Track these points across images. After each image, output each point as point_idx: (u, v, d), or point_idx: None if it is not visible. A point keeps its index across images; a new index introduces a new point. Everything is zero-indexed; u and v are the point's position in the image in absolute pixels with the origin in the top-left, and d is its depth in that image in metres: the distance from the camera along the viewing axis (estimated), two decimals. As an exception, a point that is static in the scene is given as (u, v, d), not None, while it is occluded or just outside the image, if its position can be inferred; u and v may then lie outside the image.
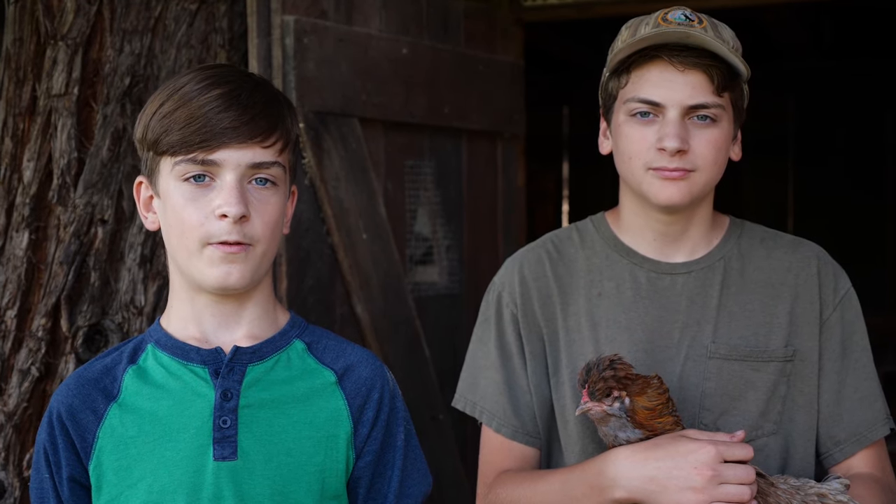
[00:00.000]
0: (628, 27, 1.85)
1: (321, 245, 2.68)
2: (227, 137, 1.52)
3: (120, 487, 1.56)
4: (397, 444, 1.67)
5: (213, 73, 1.58)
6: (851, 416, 1.88)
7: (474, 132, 3.27)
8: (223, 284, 1.55)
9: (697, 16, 1.80)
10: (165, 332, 1.63)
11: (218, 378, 1.58)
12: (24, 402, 2.42)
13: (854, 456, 1.89)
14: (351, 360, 1.67)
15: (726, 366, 1.85)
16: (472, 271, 3.25)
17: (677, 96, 1.76)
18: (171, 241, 1.59)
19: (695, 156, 1.78)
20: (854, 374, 1.90)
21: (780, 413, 1.86)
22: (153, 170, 1.58)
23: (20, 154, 2.49)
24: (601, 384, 1.65)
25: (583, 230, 1.99)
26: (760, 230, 1.99)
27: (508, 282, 1.95)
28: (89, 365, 1.64)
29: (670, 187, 1.78)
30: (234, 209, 1.51)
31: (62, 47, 2.47)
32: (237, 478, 1.55)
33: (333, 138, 2.67)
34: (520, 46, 3.54)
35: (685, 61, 1.76)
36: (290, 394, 1.61)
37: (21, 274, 2.45)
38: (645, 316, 1.88)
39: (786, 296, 1.90)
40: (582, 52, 6.79)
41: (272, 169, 1.57)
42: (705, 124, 1.78)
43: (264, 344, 1.63)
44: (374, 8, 2.85)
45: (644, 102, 1.78)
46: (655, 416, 1.67)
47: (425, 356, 2.97)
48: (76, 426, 1.58)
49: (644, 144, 1.79)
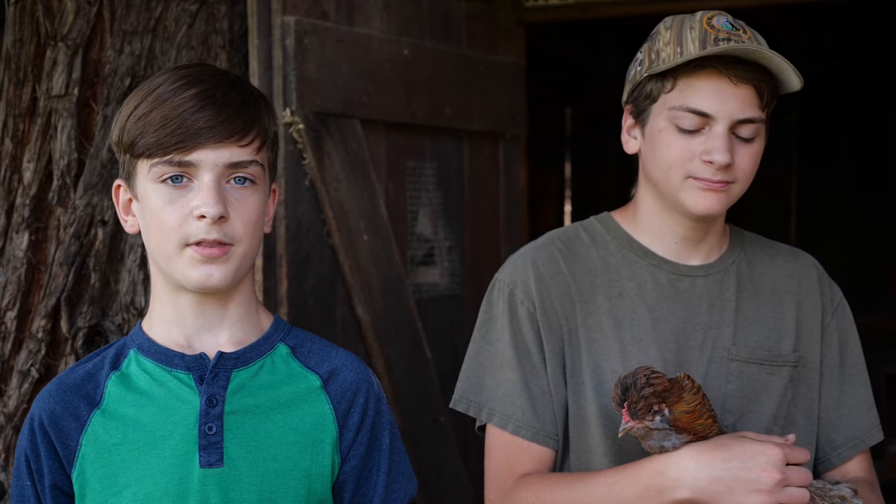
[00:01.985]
0: (669, 28, 1.81)
1: (322, 246, 2.68)
2: (203, 138, 1.50)
3: (104, 495, 1.54)
4: (382, 448, 1.66)
5: (188, 73, 1.56)
6: (850, 421, 1.91)
7: (476, 133, 3.27)
8: (204, 285, 1.54)
9: (740, 24, 1.78)
10: (148, 337, 1.61)
11: (202, 384, 1.56)
12: (23, 403, 2.42)
13: (850, 461, 1.91)
14: (336, 364, 1.66)
15: (746, 368, 1.86)
16: (473, 272, 3.24)
17: (728, 109, 1.74)
18: (150, 243, 1.58)
19: (737, 169, 1.77)
20: (851, 380, 1.93)
21: (784, 417, 1.88)
22: (130, 172, 1.57)
23: (20, 155, 2.48)
24: (642, 403, 1.63)
25: (590, 229, 1.96)
26: (757, 237, 2.01)
27: (521, 279, 1.89)
28: (70, 371, 1.62)
29: (710, 198, 1.78)
30: (212, 209, 1.50)
31: (62, 48, 2.47)
32: (224, 484, 1.53)
33: (334, 139, 2.67)
34: (521, 47, 3.53)
35: (740, 74, 1.74)
36: (276, 399, 1.60)
37: (21, 275, 2.44)
38: (670, 316, 1.87)
39: (790, 302, 1.91)
40: (584, 52, 6.78)
41: (250, 168, 1.55)
42: (748, 138, 1.77)
43: (248, 349, 1.61)
44: (376, 9, 2.85)
45: (693, 112, 1.75)
46: (696, 417, 1.67)
47: (426, 357, 2.96)
48: (58, 433, 1.56)
49: (687, 154, 1.77)
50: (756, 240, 1.99)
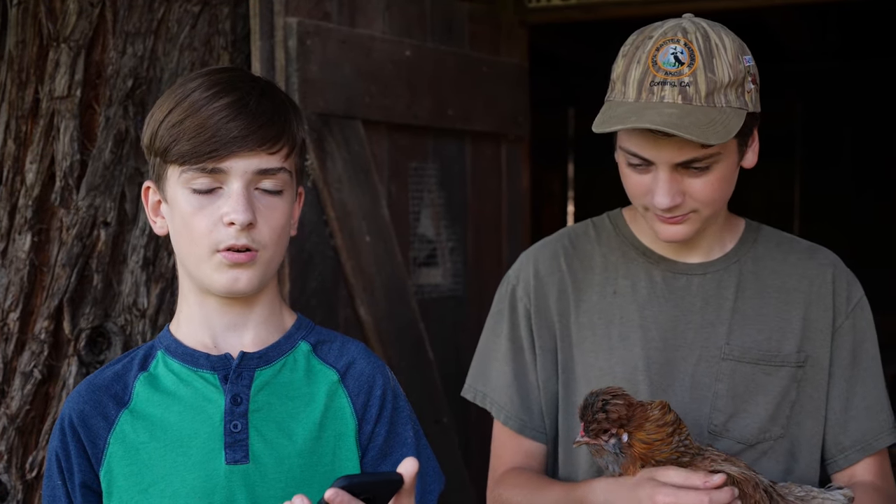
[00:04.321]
0: (624, 56, 1.77)
1: (324, 247, 2.68)
2: (236, 146, 1.52)
3: (131, 493, 1.57)
4: (407, 442, 1.68)
5: (221, 80, 1.58)
6: (858, 423, 1.89)
7: (478, 134, 3.27)
8: (231, 289, 1.57)
9: (691, 51, 1.71)
10: (175, 338, 1.64)
11: (227, 383, 1.59)
12: (26, 404, 2.42)
13: (858, 463, 1.89)
14: (351, 357, 1.68)
15: (739, 368, 1.85)
16: (475, 273, 3.24)
17: (665, 156, 1.72)
18: (180, 247, 1.60)
19: (693, 200, 1.75)
20: (863, 382, 1.90)
21: (788, 417, 1.86)
22: (161, 175, 1.59)
23: (23, 156, 2.48)
24: (594, 425, 1.67)
25: (599, 226, 1.99)
26: (777, 234, 1.98)
27: (523, 276, 1.95)
28: (100, 372, 1.65)
29: (671, 228, 1.79)
30: (241, 216, 1.52)
31: (65, 49, 2.47)
32: (249, 481, 1.56)
33: (337, 140, 2.67)
34: (524, 48, 3.53)
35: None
36: (298, 396, 1.62)
37: (24, 276, 2.45)
38: (659, 315, 1.87)
39: (799, 301, 1.90)
40: (587, 52, 6.78)
41: (279, 175, 1.57)
42: (701, 171, 1.74)
43: (270, 348, 1.64)
44: (378, 10, 2.85)
45: (634, 156, 1.75)
46: (653, 449, 1.66)
47: (429, 358, 2.96)
48: (87, 432, 1.59)
49: (642, 189, 1.77)
50: (773, 236, 1.97)
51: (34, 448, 2.44)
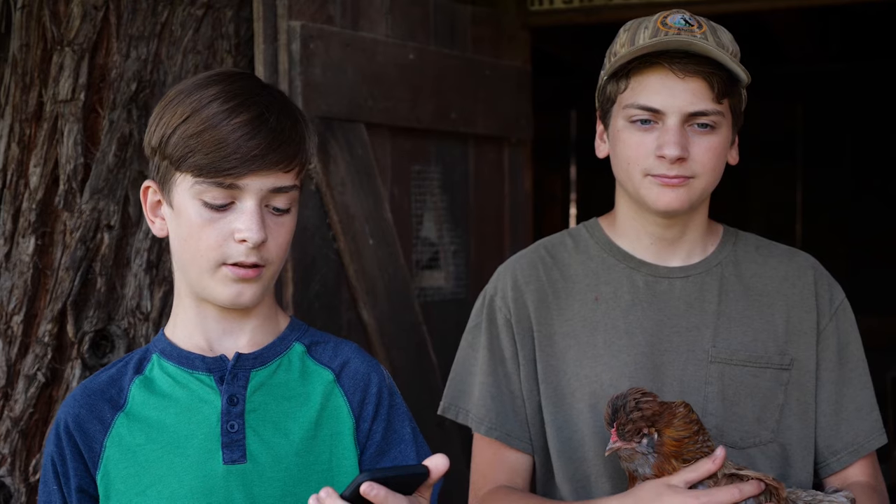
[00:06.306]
0: (627, 30, 1.83)
1: (327, 251, 2.68)
2: (255, 165, 1.52)
3: (129, 495, 1.57)
4: (406, 439, 1.69)
5: (238, 93, 1.55)
6: (849, 426, 1.88)
7: (481, 137, 3.27)
8: (235, 302, 1.58)
9: (697, 20, 1.78)
10: (170, 341, 1.65)
11: (223, 384, 1.60)
12: (30, 407, 2.42)
13: (851, 466, 1.89)
14: (345, 356, 1.69)
15: (727, 370, 1.84)
16: (478, 276, 3.24)
17: (677, 103, 1.75)
18: (182, 254, 1.59)
19: (694, 163, 1.77)
20: (851, 384, 1.90)
21: (777, 422, 1.86)
22: (167, 179, 1.58)
23: (26, 160, 2.49)
24: (630, 426, 1.64)
25: (576, 236, 1.99)
26: (755, 238, 1.99)
27: (501, 287, 1.95)
28: (95, 376, 1.66)
29: (669, 193, 1.78)
30: (255, 235, 1.53)
31: (69, 53, 2.47)
32: (247, 480, 1.57)
33: (339, 144, 2.67)
34: (527, 51, 3.53)
35: (686, 68, 1.74)
36: (294, 396, 1.63)
37: (27, 279, 2.45)
38: (644, 320, 1.87)
39: (781, 304, 1.89)
40: (590, 55, 6.77)
41: (290, 192, 1.58)
42: (705, 131, 1.77)
43: (265, 349, 1.65)
44: (381, 13, 2.85)
45: (644, 109, 1.77)
46: (684, 445, 1.65)
47: (432, 362, 2.97)
48: (83, 436, 1.59)
49: (643, 150, 1.78)
50: (752, 241, 1.98)
51: (38, 451, 2.44)
